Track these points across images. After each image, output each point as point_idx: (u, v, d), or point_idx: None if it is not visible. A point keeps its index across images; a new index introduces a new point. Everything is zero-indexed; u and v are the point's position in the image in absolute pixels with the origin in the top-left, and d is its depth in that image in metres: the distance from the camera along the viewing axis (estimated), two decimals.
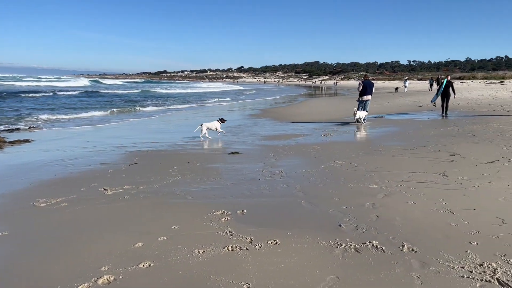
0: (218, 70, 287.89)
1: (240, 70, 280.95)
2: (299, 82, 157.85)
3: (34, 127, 16.09)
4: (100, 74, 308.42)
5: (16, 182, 7.05)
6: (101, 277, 3.44)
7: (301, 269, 3.45)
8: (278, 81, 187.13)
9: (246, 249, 3.90)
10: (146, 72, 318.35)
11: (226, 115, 22.98)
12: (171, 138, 12.33)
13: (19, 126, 16.36)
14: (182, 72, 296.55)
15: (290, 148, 9.86)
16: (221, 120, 12.70)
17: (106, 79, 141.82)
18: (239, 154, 9.25)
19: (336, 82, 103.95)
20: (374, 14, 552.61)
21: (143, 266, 3.64)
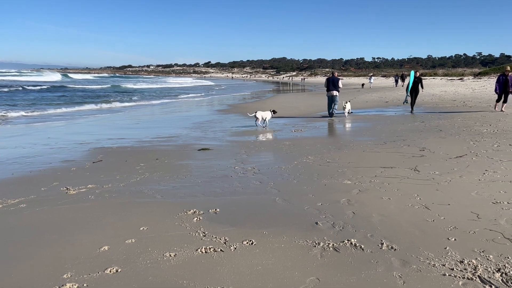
0: (185, 65, 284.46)
1: (207, 65, 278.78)
2: (267, 78, 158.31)
3: None
4: (61, 68, 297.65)
5: None
6: (63, 285, 3.15)
7: (279, 271, 3.29)
8: (246, 76, 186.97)
9: (221, 250, 3.71)
10: (110, 66, 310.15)
11: (195, 111, 22.65)
12: (138, 134, 11.91)
13: None
14: (148, 66, 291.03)
15: (261, 143, 9.71)
16: (273, 111, 13.49)
17: (76, 74, 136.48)
18: (210, 150, 9.01)
19: (303, 78, 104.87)
20: (339, 11, 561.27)
21: (110, 271, 3.37)
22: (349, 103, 16.50)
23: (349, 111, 16.39)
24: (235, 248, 3.75)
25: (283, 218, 4.48)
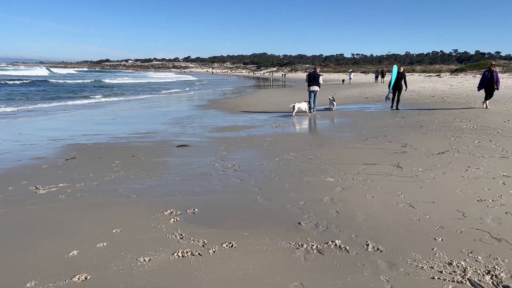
0: (164, 60, 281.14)
1: (187, 60, 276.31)
2: (248, 73, 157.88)
3: None
4: (36, 62, 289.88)
5: None
6: None
7: (260, 276, 3.10)
8: (227, 72, 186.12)
9: (199, 254, 3.49)
10: (87, 60, 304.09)
11: (175, 106, 22.23)
12: (114, 130, 11.55)
13: None
14: (126, 61, 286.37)
15: (242, 140, 9.50)
16: (308, 102, 15.38)
17: (61, 68, 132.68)
18: (188, 147, 8.75)
19: (284, 74, 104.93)
20: (319, 7, 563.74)
21: (78, 279, 3.12)
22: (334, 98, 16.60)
23: (332, 103, 16.27)
24: (214, 251, 3.54)
25: (265, 218, 4.29)
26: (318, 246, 3.56)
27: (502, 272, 2.97)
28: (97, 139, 9.99)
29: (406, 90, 16.37)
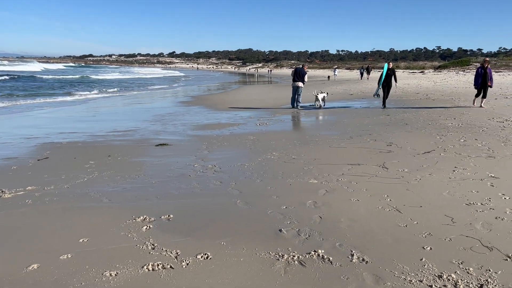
0: (148, 55, 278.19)
1: (172, 55, 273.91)
2: (234, 69, 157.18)
3: None
4: (17, 57, 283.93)
5: None
6: None
7: None
8: (213, 67, 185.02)
9: (171, 267, 3.21)
10: (70, 55, 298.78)
11: (158, 102, 21.77)
12: (92, 128, 11.13)
13: None
14: (110, 56, 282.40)
15: (224, 138, 9.21)
16: (326, 93, 16.90)
17: (50, 64, 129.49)
18: (168, 145, 8.43)
19: (270, 70, 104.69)
20: (304, 3, 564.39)
21: None
22: (322, 94, 16.34)
23: (323, 99, 16.22)
24: (188, 263, 3.27)
25: (244, 225, 4.03)
26: (300, 256, 3.32)
27: (496, 286, 2.77)
28: (73, 138, 9.59)
29: (396, 87, 15.93)
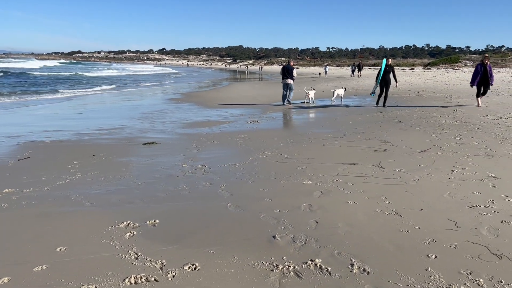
0: (138, 52, 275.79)
1: (162, 52, 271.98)
2: (225, 66, 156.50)
3: None
4: (4, 53, 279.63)
5: None
6: None
7: None
8: (203, 64, 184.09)
9: (155, 280, 2.94)
10: (59, 52, 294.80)
11: (147, 99, 21.35)
12: (78, 126, 10.76)
13: None
14: (99, 52, 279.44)
15: (214, 137, 8.92)
16: (345, 88, 17.30)
17: (43, 60, 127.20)
18: (156, 144, 8.12)
19: (261, 67, 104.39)
20: (295, 1, 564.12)
21: None
22: (312, 91, 16.37)
23: (312, 99, 16.24)
24: (173, 275, 2.99)
25: (235, 231, 3.77)
26: (296, 267, 3.06)
27: None
28: (57, 136, 9.23)
29: (396, 86, 14.70)
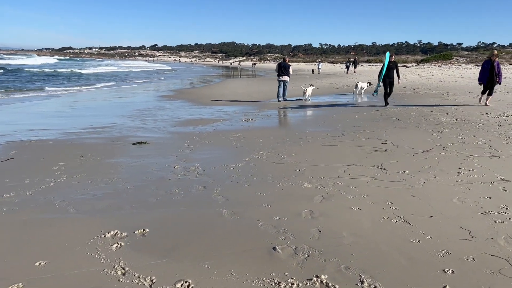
0: (130, 48, 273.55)
1: (154, 48, 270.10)
2: (217, 62, 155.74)
3: None
4: None
5: None
6: None
7: None
8: (196, 60, 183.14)
9: None
10: (49, 48, 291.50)
11: (139, 96, 20.92)
12: (66, 124, 10.38)
13: None
14: (90, 49, 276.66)
15: (207, 135, 8.60)
16: (368, 82, 18.00)
17: (40, 57, 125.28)
18: (147, 144, 7.78)
19: (254, 64, 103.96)
20: None
21: None
22: (310, 88, 16.23)
23: (308, 96, 16.09)
24: None
25: (232, 242, 3.47)
26: (300, 284, 2.77)
27: None
28: (44, 135, 8.85)
29: (399, 83, 13.72)
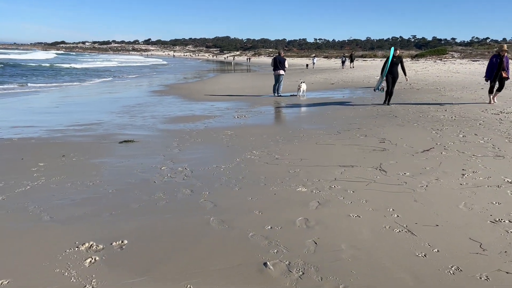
0: (123, 42, 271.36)
1: (147, 42, 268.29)
2: (212, 57, 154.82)
3: None
4: None
5: None
6: None
7: None
8: (190, 55, 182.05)
9: None
10: (41, 42, 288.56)
11: (130, 91, 20.46)
12: (52, 121, 9.98)
13: None
14: (83, 43, 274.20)
15: (198, 133, 8.24)
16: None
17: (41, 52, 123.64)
18: (134, 142, 7.41)
19: (249, 58, 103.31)
20: None
21: None
22: (304, 84, 15.78)
23: (303, 91, 15.65)
24: None
25: (219, 256, 3.13)
26: None
27: None
28: (27, 133, 8.44)
29: (407, 80, 12.65)
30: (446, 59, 54.92)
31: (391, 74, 12.03)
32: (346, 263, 2.96)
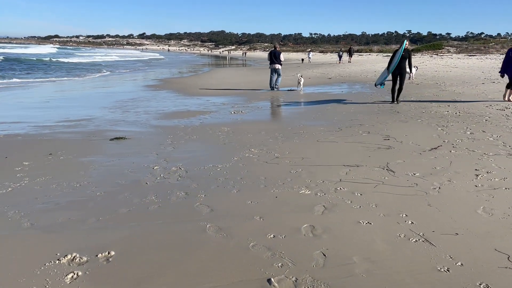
0: (118, 36, 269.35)
1: (142, 37, 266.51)
2: (208, 51, 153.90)
3: None
4: None
5: None
6: None
7: None
8: (185, 49, 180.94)
9: None
10: (35, 36, 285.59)
11: (124, 85, 19.99)
12: (41, 117, 9.58)
13: None
14: (77, 37, 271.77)
15: (193, 130, 7.88)
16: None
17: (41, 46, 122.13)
18: (126, 140, 7.04)
19: (245, 53, 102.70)
20: None
21: None
22: (302, 78, 15.62)
23: (299, 84, 15.53)
24: None
25: (216, 271, 2.79)
26: None
27: None
28: (14, 129, 8.05)
29: (413, 77, 11.13)
30: (442, 54, 54.70)
31: (399, 69, 11.14)
32: (361, 280, 2.63)
